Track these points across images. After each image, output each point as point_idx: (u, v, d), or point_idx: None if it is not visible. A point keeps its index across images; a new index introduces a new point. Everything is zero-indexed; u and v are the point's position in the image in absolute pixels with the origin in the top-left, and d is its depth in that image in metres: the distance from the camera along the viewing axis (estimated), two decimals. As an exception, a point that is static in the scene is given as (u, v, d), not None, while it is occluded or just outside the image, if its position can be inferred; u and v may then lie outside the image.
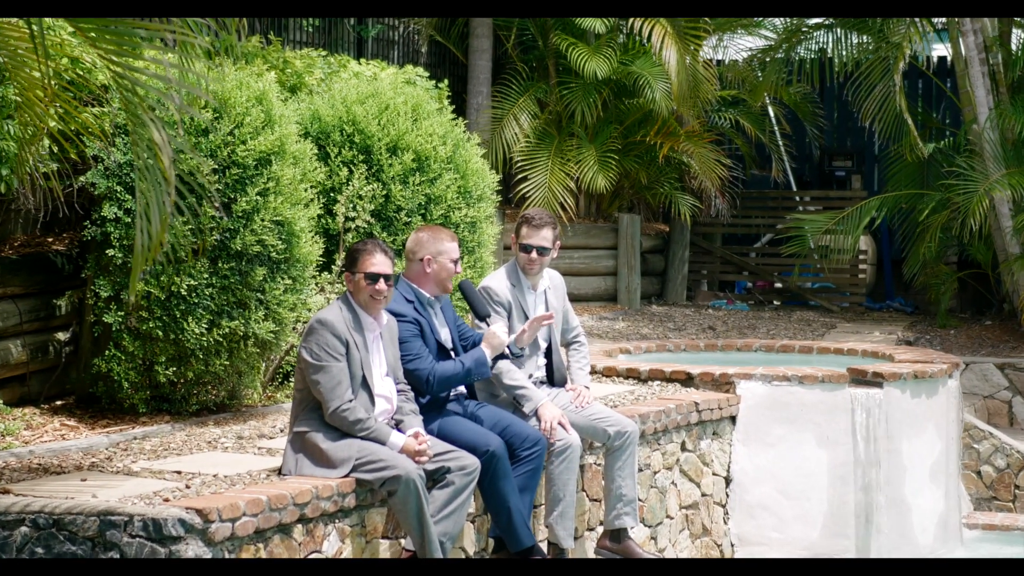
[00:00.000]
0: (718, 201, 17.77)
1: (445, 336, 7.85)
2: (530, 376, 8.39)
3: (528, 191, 16.20)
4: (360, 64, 12.64)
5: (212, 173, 8.48)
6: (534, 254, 8.32)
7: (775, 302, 18.83)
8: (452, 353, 7.82)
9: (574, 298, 17.02)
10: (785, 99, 18.72)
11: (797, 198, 19.91)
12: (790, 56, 17.68)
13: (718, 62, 18.30)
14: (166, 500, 6.55)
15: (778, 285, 19.16)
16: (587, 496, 8.89)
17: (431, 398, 7.70)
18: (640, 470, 9.28)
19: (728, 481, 10.34)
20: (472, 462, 7.38)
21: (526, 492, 7.81)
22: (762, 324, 15.63)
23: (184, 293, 8.43)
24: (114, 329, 8.52)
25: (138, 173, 5.67)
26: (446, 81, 13.55)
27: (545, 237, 8.33)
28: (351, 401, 7.11)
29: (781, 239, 18.57)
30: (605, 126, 17.11)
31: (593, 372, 10.99)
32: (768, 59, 17.94)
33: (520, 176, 16.44)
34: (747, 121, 18.46)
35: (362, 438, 7.12)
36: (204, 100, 8.46)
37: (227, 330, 8.61)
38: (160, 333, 8.48)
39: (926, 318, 17.06)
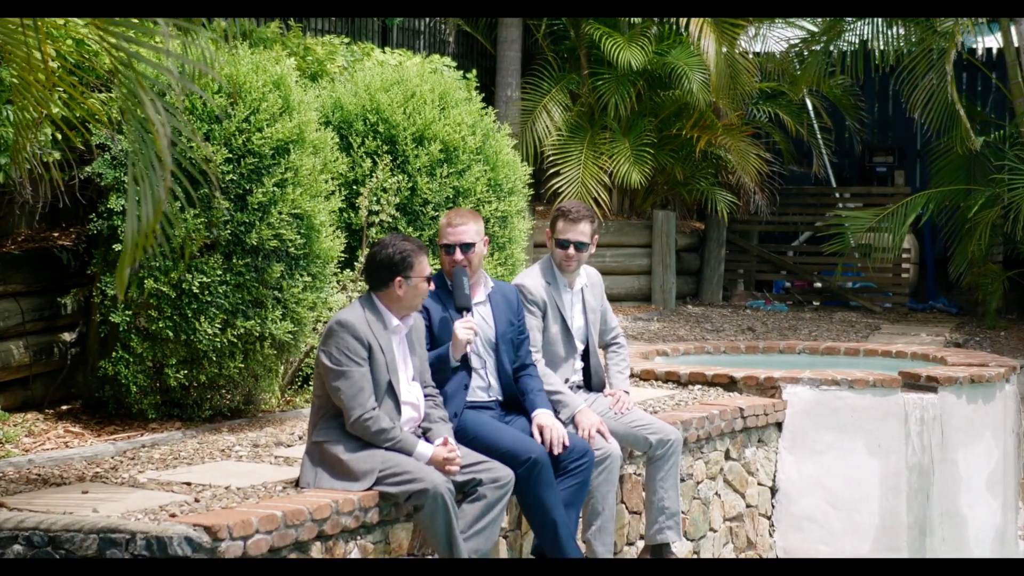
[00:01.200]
0: (757, 197, 17.13)
1: (485, 327, 7.32)
2: (566, 380, 7.83)
3: (560, 186, 15.60)
4: (384, 53, 12.10)
5: (226, 163, 7.92)
6: (571, 250, 7.76)
7: (814, 302, 18.23)
8: (495, 351, 7.30)
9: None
10: (826, 92, 18.08)
11: (837, 195, 19.27)
12: (829, 48, 17.04)
13: (755, 53, 17.64)
14: (172, 516, 6.06)
15: (817, 285, 18.55)
16: (626, 508, 8.34)
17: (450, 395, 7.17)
18: (682, 480, 8.72)
19: (774, 491, 9.79)
20: (506, 474, 6.83)
21: (572, 508, 7.26)
22: (803, 325, 15.04)
23: (196, 291, 7.89)
24: (121, 329, 7.98)
25: (131, 155, 5.09)
26: (474, 71, 13.01)
27: (583, 231, 7.77)
28: (374, 409, 6.58)
29: (820, 237, 17.96)
30: (639, 119, 16.50)
31: (630, 376, 10.41)
32: (807, 51, 17.32)
33: (552, 171, 15.84)
34: (786, 114, 17.81)
35: (386, 449, 6.58)
36: (217, 84, 7.92)
37: (242, 330, 8.06)
38: (170, 334, 7.94)
39: (972, 319, 16.43)
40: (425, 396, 6.94)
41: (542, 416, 7.25)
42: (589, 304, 7.98)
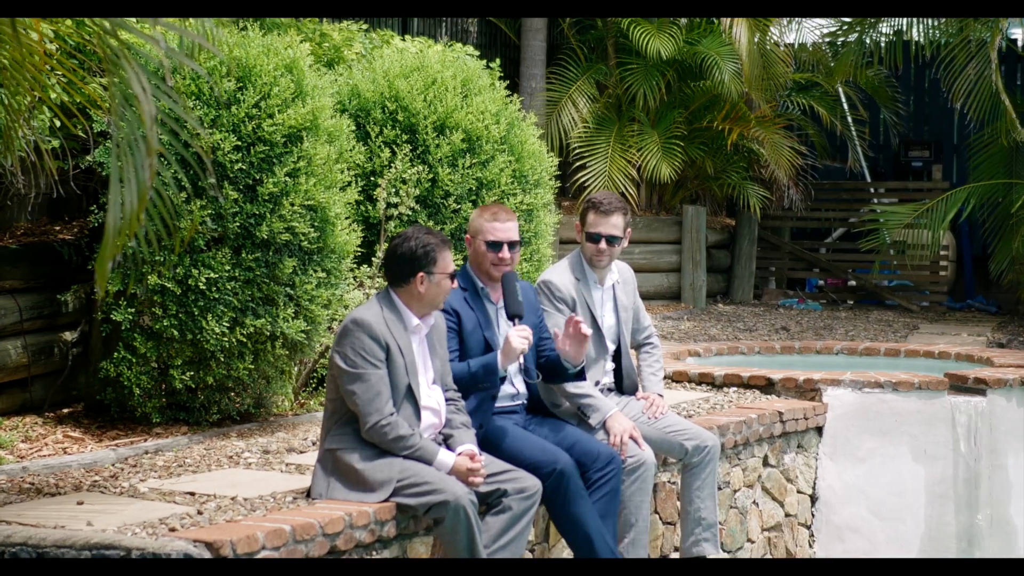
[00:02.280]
0: (791, 192, 16.57)
1: (499, 331, 6.82)
2: (596, 383, 7.34)
3: (587, 180, 15.07)
4: (404, 41, 11.61)
5: (235, 151, 7.44)
6: (603, 244, 7.26)
7: (849, 301, 17.69)
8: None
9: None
10: (862, 82, 17.50)
11: (872, 190, 18.71)
12: (864, 39, 16.49)
13: (787, 45, 17.07)
14: (172, 530, 5.63)
15: (852, 283, 18.01)
16: (660, 519, 7.86)
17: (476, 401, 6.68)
18: (719, 488, 8.24)
19: (814, 500, 9.31)
20: (533, 484, 6.35)
21: (607, 519, 6.78)
22: (838, 324, 14.51)
23: (203, 287, 7.42)
24: (124, 328, 7.52)
25: (114, 133, 4.61)
26: (497, 61, 12.50)
27: (615, 224, 7.27)
28: (392, 415, 6.10)
29: (855, 234, 17.41)
30: (669, 110, 15.96)
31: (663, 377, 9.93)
32: (842, 41, 16.78)
33: (578, 164, 15.31)
34: (820, 106, 17.23)
35: (405, 457, 6.10)
36: (225, 67, 7.45)
37: (252, 329, 7.59)
38: (176, 333, 7.46)
39: (1014, 318, 15.87)
40: (447, 401, 6.47)
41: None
42: (621, 302, 7.49)
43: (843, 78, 16.95)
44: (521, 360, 6.58)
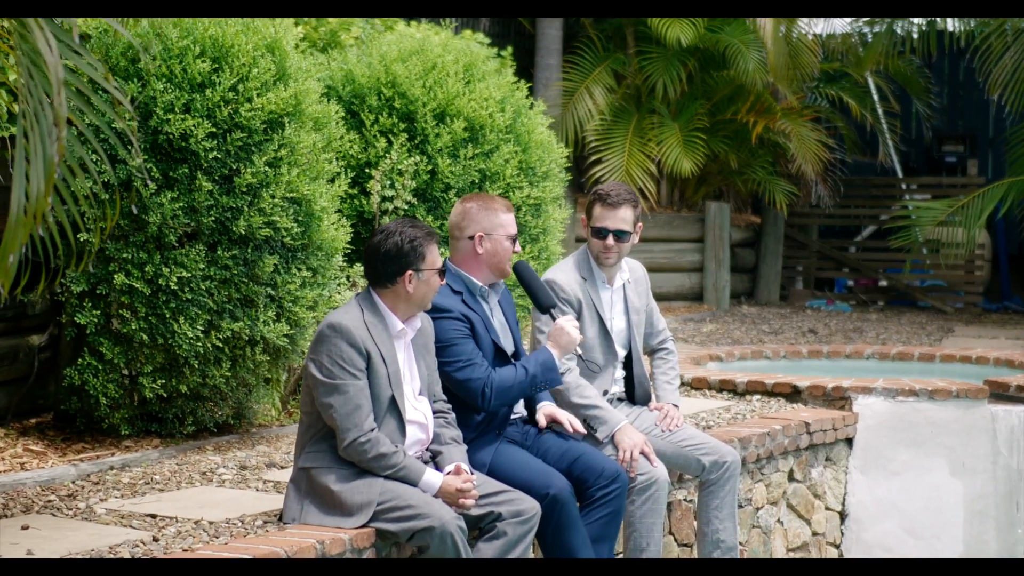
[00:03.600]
0: (819, 188, 15.82)
1: (504, 335, 6.19)
2: (605, 393, 6.67)
3: (602, 174, 14.36)
4: (410, 27, 10.97)
5: (209, 138, 6.80)
6: (610, 240, 6.58)
7: (879, 302, 16.99)
8: (513, 359, 6.11)
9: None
10: (893, 71, 16.76)
11: (904, 186, 17.99)
12: (894, 27, 15.77)
13: (814, 34, 16.34)
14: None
15: (883, 283, 17.32)
16: (675, 540, 7.21)
17: (486, 417, 6.05)
18: (740, 506, 7.60)
19: (843, 517, 8.68)
20: (530, 506, 5.70)
21: (603, 543, 6.11)
22: (869, 327, 13.82)
23: (174, 287, 6.77)
24: (89, 332, 6.87)
25: (20, 101, 3.96)
26: (509, 49, 11.90)
27: (624, 218, 6.59)
28: (373, 430, 5.47)
29: (885, 232, 16.69)
30: (690, 102, 15.26)
31: (680, 384, 9.25)
32: (871, 29, 16.05)
33: (594, 158, 14.61)
34: (850, 98, 16.48)
35: (386, 477, 5.47)
36: (199, 47, 6.81)
37: (229, 333, 6.94)
38: (145, 337, 6.82)
39: (1054, 321, 15.17)
40: (435, 413, 5.82)
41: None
42: (632, 303, 6.81)
43: (872, 66, 16.23)
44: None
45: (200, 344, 6.88)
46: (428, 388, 5.82)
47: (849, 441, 8.69)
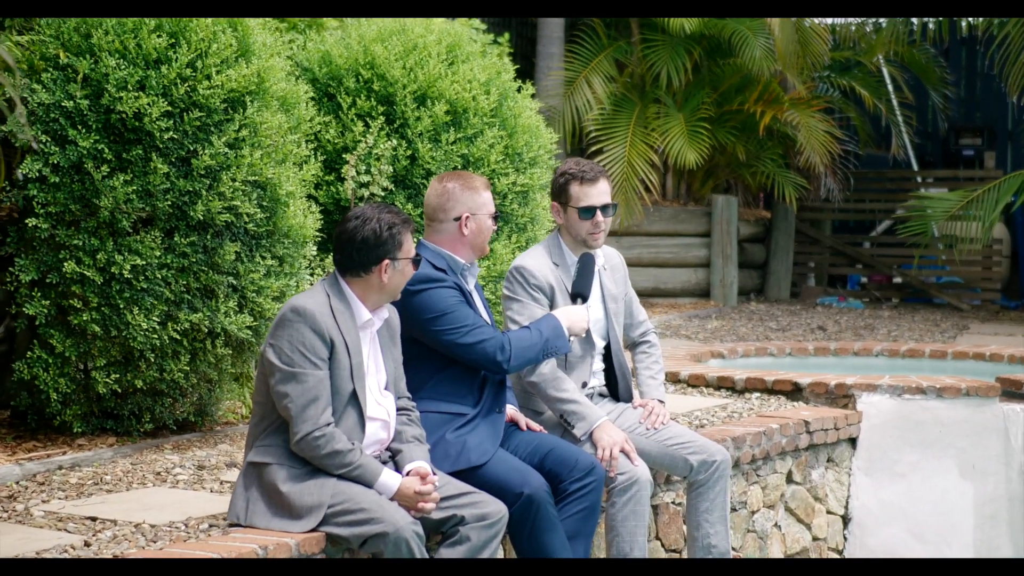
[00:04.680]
0: (828, 181, 15.34)
1: (484, 315, 5.86)
2: (584, 385, 6.24)
3: (603, 165, 13.91)
4: (402, 11, 10.56)
5: (165, 117, 6.39)
6: (599, 216, 6.19)
7: (893, 299, 16.53)
8: None
9: (659, 293, 14.94)
10: (906, 59, 16.27)
11: (919, 179, 17.50)
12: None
13: (823, 22, 15.85)
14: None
15: (897, 280, 16.86)
16: (662, 545, 6.80)
17: (483, 394, 5.74)
18: (734, 509, 7.20)
19: (846, 521, 8.28)
20: (496, 510, 5.29)
21: (578, 540, 5.72)
22: (881, 324, 13.37)
23: (127, 275, 6.36)
24: (39, 323, 6.47)
25: None
26: (507, 35, 11.48)
27: (604, 191, 6.21)
28: (328, 425, 5.08)
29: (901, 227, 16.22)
30: (696, 91, 14.81)
31: (677, 381, 8.88)
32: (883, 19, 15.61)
33: (594, 148, 14.16)
34: (862, 88, 15.99)
35: (340, 477, 5.07)
36: (153, 21, 6.41)
37: (187, 325, 6.54)
38: (97, 328, 6.42)
39: (1073, 318, 14.69)
40: (398, 411, 5.42)
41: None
42: (609, 291, 6.37)
43: (883, 52, 15.76)
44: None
45: (156, 336, 6.48)
46: (394, 383, 5.42)
47: (853, 441, 8.27)
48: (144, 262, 6.39)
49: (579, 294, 6.03)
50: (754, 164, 15.32)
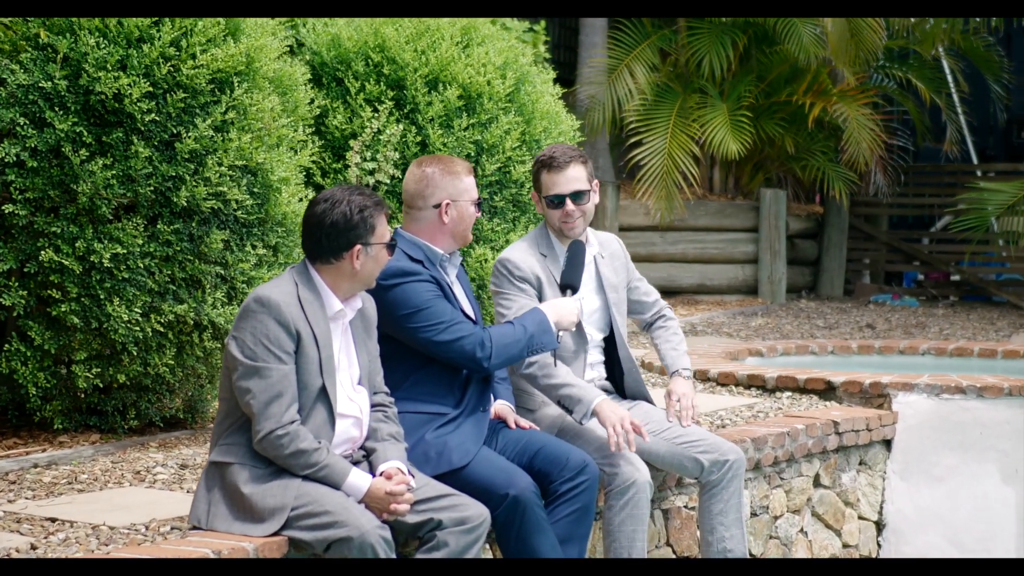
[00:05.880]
0: (878, 176, 14.80)
1: (467, 307, 5.49)
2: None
3: (642, 158, 13.52)
4: None
5: (147, 98, 6.09)
6: (569, 205, 5.76)
7: (951, 297, 15.98)
8: None
9: (704, 290, 14.49)
10: (964, 49, 15.72)
11: (979, 172, 16.93)
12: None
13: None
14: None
15: (955, 277, 16.35)
16: (674, 552, 6.45)
17: (466, 392, 5.40)
18: (755, 514, 6.80)
19: (880, 527, 7.86)
20: (476, 513, 4.93)
21: (571, 543, 5.35)
22: (933, 323, 12.89)
23: (108, 264, 6.06)
24: (16, 314, 6.19)
25: None
26: (543, 23, 11.12)
27: (575, 177, 5.76)
28: (293, 423, 4.73)
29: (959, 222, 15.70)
30: (741, 81, 14.34)
31: (706, 379, 8.51)
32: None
33: (634, 139, 13.75)
34: (918, 79, 15.46)
35: (305, 478, 4.73)
36: None
37: (172, 317, 6.24)
38: (77, 320, 6.12)
39: None
40: (373, 407, 5.07)
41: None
42: (607, 279, 5.96)
43: (939, 42, 15.19)
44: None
45: (139, 329, 6.18)
46: (369, 378, 5.07)
47: (887, 443, 7.84)
48: (125, 251, 6.09)
49: (568, 285, 5.62)
50: (804, 157, 14.86)
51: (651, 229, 14.16)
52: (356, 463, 4.93)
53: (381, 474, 4.86)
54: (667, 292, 14.40)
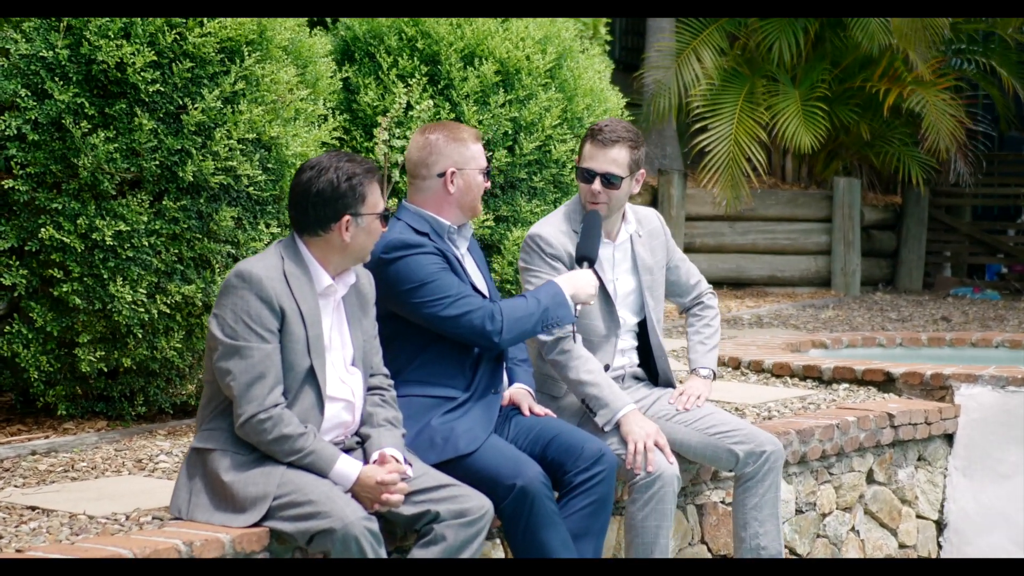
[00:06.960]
0: (959, 164, 14.25)
1: (479, 282, 5.15)
2: (606, 367, 5.47)
3: (707, 144, 13.09)
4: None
5: (151, 68, 5.80)
6: (596, 184, 5.36)
7: (1035, 290, 15.44)
8: None
9: (775, 282, 14.05)
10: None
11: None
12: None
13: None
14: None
15: (1041, 270, 15.72)
16: (709, 550, 6.07)
17: (476, 372, 5.06)
18: (800, 511, 6.41)
19: (941, 527, 7.43)
20: (478, 505, 4.59)
21: (586, 539, 4.99)
22: (1013, 315, 12.37)
23: (111, 242, 5.78)
24: (18, 294, 5.93)
25: None
26: (602, 4, 10.73)
27: (615, 159, 5.37)
28: (277, 406, 4.42)
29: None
30: (815, 66, 13.87)
31: (760, 371, 8.10)
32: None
33: (698, 125, 13.33)
34: (1000, 64, 14.87)
35: (290, 465, 4.41)
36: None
37: (179, 297, 5.95)
38: (80, 301, 5.85)
39: None
40: (370, 390, 4.74)
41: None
42: (643, 260, 5.58)
43: (1019, 23, 14.58)
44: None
45: (143, 310, 5.89)
46: (364, 359, 4.74)
47: (949, 438, 7.40)
48: (129, 228, 5.81)
49: (585, 257, 5.24)
50: (880, 144, 14.35)
51: (719, 219, 13.74)
52: (349, 450, 4.62)
53: (373, 461, 4.54)
54: (736, 284, 13.99)
